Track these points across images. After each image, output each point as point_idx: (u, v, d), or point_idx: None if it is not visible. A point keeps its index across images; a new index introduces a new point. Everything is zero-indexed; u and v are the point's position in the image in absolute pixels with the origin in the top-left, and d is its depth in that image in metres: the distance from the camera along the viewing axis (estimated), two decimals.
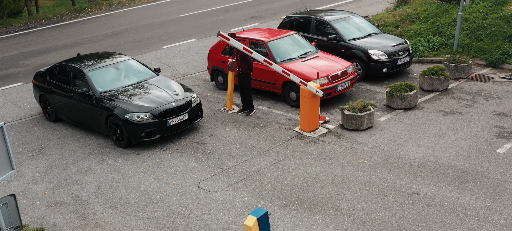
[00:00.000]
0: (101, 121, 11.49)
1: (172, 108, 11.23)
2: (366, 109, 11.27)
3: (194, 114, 11.67)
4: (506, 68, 14.16)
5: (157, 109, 11.09)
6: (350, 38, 14.34)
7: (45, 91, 12.94)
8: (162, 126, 11.09)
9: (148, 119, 10.96)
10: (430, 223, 8.01)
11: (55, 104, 12.73)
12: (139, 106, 11.10)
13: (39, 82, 13.21)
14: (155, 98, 11.39)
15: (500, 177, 9.08)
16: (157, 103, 11.21)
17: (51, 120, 13.02)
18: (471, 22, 15.81)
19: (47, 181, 10.17)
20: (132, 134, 10.97)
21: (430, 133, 10.89)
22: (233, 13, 23.70)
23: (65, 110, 12.50)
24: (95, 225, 8.63)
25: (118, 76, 12.22)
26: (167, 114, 11.16)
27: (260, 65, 12.97)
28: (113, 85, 11.90)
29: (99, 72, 12.08)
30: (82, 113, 11.98)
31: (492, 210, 8.21)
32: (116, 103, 11.21)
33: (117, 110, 11.08)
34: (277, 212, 8.58)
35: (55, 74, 12.78)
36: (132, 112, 10.95)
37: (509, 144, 10.20)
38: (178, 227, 8.40)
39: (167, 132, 11.23)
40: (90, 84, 11.72)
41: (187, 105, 11.51)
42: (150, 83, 12.11)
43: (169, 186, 9.65)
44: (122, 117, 10.95)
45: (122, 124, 10.96)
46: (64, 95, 12.31)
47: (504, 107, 11.83)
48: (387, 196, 8.78)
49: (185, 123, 11.49)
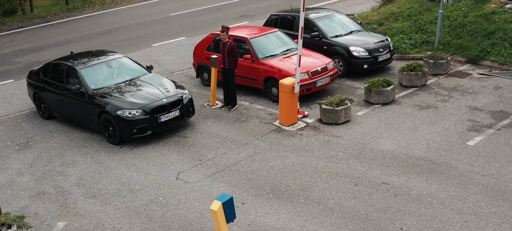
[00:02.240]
0: (94, 118, 11.62)
1: (163, 104, 11.33)
2: (343, 104, 11.60)
3: (185, 111, 11.80)
4: (485, 64, 14.49)
5: (149, 106, 11.19)
6: (332, 36, 14.67)
7: (38, 89, 13.06)
8: (153, 122, 11.20)
9: (140, 115, 11.07)
10: (396, 211, 8.34)
11: (48, 102, 12.86)
12: (130, 103, 11.22)
13: (33, 81, 13.34)
14: (147, 95, 11.49)
15: (468, 168, 9.40)
16: (149, 100, 11.32)
17: (45, 118, 13.14)
18: (453, 20, 16.13)
19: (32, 173, 10.49)
20: (124, 130, 11.09)
21: (404, 127, 11.21)
22: (224, 11, 24.02)
23: (59, 108, 12.64)
24: (75, 214, 8.95)
25: (110, 74, 12.35)
26: (159, 110, 11.26)
27: (243, 62, 13.30)
28: (106, 82, 12.03)
29: (91, 70, 12.21)
30: (75, 110, 12.12)
31: (457, 198, 8.53)
32: (108, 100, 11.33)
33: (109, 107, 11.20)
34: (251, 201, 8.90)
35: (48, 72, 12.89)
36: (123, 109, 11.07)
37: (479, 136, 10.53)
38: (155, 215, 8.72)
39: (158, 128, 11.34)
40: (83, 81, 11.84)
41: (178, 102, 11.61)
42: (142, 80, 12.23)
43: (149, 177, 9.97)
44: (114, 113, 11.07)
45: (114, 120, 11.07)
46: (58, 93, 12.43)
47: (478, 102, 12.16)
48: (357, 186, 9.10)
49: (176, 119, 11.59)
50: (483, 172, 9.23)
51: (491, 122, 11.10)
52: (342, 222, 8.14)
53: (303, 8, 11.11)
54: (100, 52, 13.46)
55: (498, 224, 7.83)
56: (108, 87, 11.86)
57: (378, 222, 8.08)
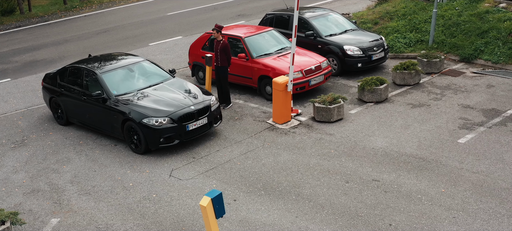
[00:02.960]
0: (117, 126, 11.01)
1: (192, 112, 10.75)
2: (336, 102, 11.69)
3: (213, 118, 11.21)
4: (478, 63, 14.58)
5: (176, 113, 10.58)
6: (327, 35, 14.76)
7: (55, 94, 12.47)
8: (181, 130, 10.59)
9: (167, 123, 10.45)
10: (385, 207, 8.43)
11: (66, 107, 12.28)
12: (157, 110, 10.59)
13: (49, 85, 12.73)
14: (173, 101, 10.88)
15: (458, 165, 9.50)
16: (176, 107, 10.70)
17: (62, 124, 12.59)
18: (447, 19, 16.23)
19: (27, 170, 10.58)
20: (150, 139, 10.48)
21: (396, 125, 11.30)
22: (221, 11, 24.11)
23: (77, 114, 12.06)
24: (69, 210, 9.04)
25: (132, 79, 11.74)
26: (186, 118, 10.66)
27: (238, 60, 13.40)
28: (128, 88, 11.39)
29: (112, 74, 11.61)
30: (96, 117, 11.53)
31: (446, 195, 8.62)
32: (132, 107, 10.70)
33: (133, 114, 10.58)
34: (242, 197, 9.00)
35: (66, 76, 12.31)
36: (150, 117, 10.44)
37: (471, 134, 10.62)
38: (147, 212, 8.81)
39: (186, 137, 10.73)
40: (104, 87, 11.25)
41: (206, 109, 11.03)
42: (166, 85, 11.60)
43: (143, 174, 10.06)
44: (139, 121, 10.45)
45: (140, 129, 10.47)
46: (76, 99, 11.85)
47: (471, 100, 12.25)
48: (348, 183, 9.19)
49: (204, 127, 11.00)
50: (473, 169, 9.32)
51: (483, 120, 11.19)
52: (332, 218, 8.23)
53: (297, 6, 11.20)
54: (120, 55, 12.87)
55: (485, 220, 7.92)
56: (131, 93, 11.23)
57: (367, 218, 8.17)
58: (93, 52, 18.94)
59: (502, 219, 7.93)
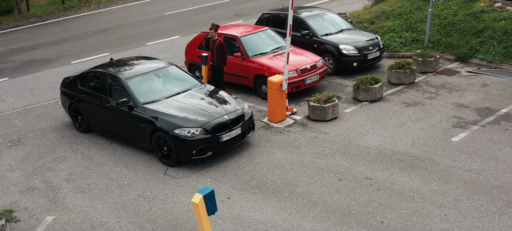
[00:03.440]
0: (145, 136, 10.37)
1: (225, 122, 10.12)
2: (331, 101, 11.75)
3: (246, 128, 10.58)
4: (473, 62, 14.65)
5: (210, 123, 9.93)
6: (323, 34, 14.83)
7: (75, 100, 11.84)
8: (214, 142, 9.95)
9: (200, 134, 9.81)
10: (378, 205, 8.49)
11: (87, 114, 11.66)
12: (189, 120, 9.95)
13: (69, 90, 12.08)
14: (205, 110, 10.24)
15: (450, 163, 9.56)
16: (209, 117, 10.06)
17: (83, 131, 11.98)
18: (443, 18, 16.29)
19: (23, 169, 10.64)
20: (182, 151, 9.83)
21: (391, 123, 11.37)
22: (219, 10, 24.17)
23: (100, 121, 11.44)
24: (64, 208, 9.10)
25: (159, 85, 11.12)
26: (220, 129, 10.01)
27: (233, 60, 13.47)
28: (156, 95, 10.76)
29: (138, 80, 10.94)
30: (121, 126, 10.89)
31: (438, 193, 8.69)
32: (162, 117, 10.05)
33: (164, 124, 9.94)
34: (236, 195, 9.06)
35: (87, 81, 11.70)
36: (182, 127, 9.81)
37: (464, 133, 10.69)
38: (142, 209, 8.88)
39: (219, 149, 10.09)
40: (130, 94, 10.61)
41: (240, 118, 10.40)
42: (195, 92, 10.97)
43: (138, 172, 10.12)
44: (171, 132, 9.81)
45: (171, 140, 9.83)
46: (99, 105, 11.22)
47: (465, 99, 12.32)
48: (341, 181, 9.26)
49: (237, 138, 10.35)
50: (465, 167, 9.39)
51: (476, 119, 11.26)
52: (325, 216, 8.29)
53: (291, 6, 11.26)
54: (144, 60, 12.19)
55: (477, 218, 7.99)
56: (159, 100, 10.60)
57: (360, 216, 8.24)
58: (91, 51, 19.01)
59: (493, 216, 8.00)
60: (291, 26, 11.40)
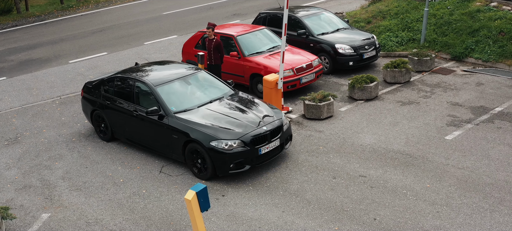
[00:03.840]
0: (177, 147, 9.72)
1: (264, 133, 9.44)
2: (326, 99, 11.82)
3: (284, 139, 9.92)
4: (469, 61, 14.72)
5: (248, 135, 9.25)
6: (319, 33, 14.90)
7: (99, 107, 11.24)
8: (253, 155, 9.27)
9: (238, 146, 9.15)
10: (371, 202, 8.56)
11: (112, 122, 11.05)
12: (226, 131, 9.28)
13: (91, 96, 11.49)
14: (242, 120, 9.56)
15: (444, 161, 9.63)
16: (246, 128, 9.38)
17: (106, 140, 11.38)
18: (439, 18, 16.36)
19: (19, 167, 10.70)
20: (219, 165, 9.18)
21: (385, 122, 11.43)
22: (216, 10, 24.24)
23: (126, 130, 10.83)
24: (60, 206, 9.17)
25: (191, 92, 10.46)
26: (259, 141, 9.35)
27: (230, 59, 13.53)
28: (187, 103, 10.10)
29: (168, 87, 10.30)
30: (150, 136, 10.27)
31: (431, 190, 8.75)
32: (196, 127, 9.40)
33: (199, 135, 9.27)
34: (231, 193, 9.12)
35: (112, 87, 11.08)
36: (219, 139, 9.13)
37: (458, 131, 10.75)
38: (137, 207, 8.94)
39: (257, 162, 9.42)
40: (161, 102, 9.95)
41: (278, 129, 9.71)
42: (229, 101, 10.30)
43: (133, 170, 10.19)
44: (207, 144, 9.15)
45: (207, 152, 9.18)
46: (125, 113, 10.59)
47: (460, 98, 12.38)
48: (335, 179, 9.32)
49: (276, 150, 9.65)
50: (459, 165, 9.45)
51: (471, 117, 11.33)
52: (318, 213, 8.36)
53: (287, 5, 11.33)
54: (170, 64, 11.64)
55: (468, 215, 8.05)
56: (191, 109, 9.93)
57: (353, 213, 8.30)
58: (89, 51, 19.07)
59: (485, 213, 8.06)
60: (286, 25, 11.46)
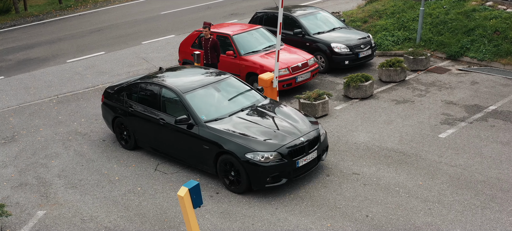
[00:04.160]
0: (208, 159, 9.19)
1: (302, 144, 8.93)
2: (321, 98, 11.89)
3: (322, 150, 9.37)
4: (464, 61, 14.79)
5: (285, 146, 8.72)
6: (315, 32, 14.97)
7: (121, 114, 10.71)
8: (290, 167, 8.74)
9: (274, 159, 8.61)
10: (363, 199, 8.62)
11: (135, 130, 10.53)
12: (261, 142, 8.73)
13: (113, 102, 10.97)
14: (278, 131, 9.01)
15: (437, 159, 9.69)
16: (283, 139, 8.83)
17: (129, 148, 10.87)
18: (435, 17, 16.43)
19: (16, 165, 10.77)
20: (255, 178, 8.64)
21: (380, 120, 11.50)
22: (214, 10, 24.31)
23: (151, 139, 10.27)
24: (55, 203, 9.23)
25: (221, 99, 9.91)
26: (297, 152, 8.82)
27: (226, 58, 13.61)
28: (218, 111, 9.57)
29: (197, 94, 9.75)
30: (177, 146, 9.72)
31: (423, 188, 8.82)
32: (229, 138, 8.84)
33: (232, 146, 8.73)
34: (225, 190, 9.19)
35: (136, 93, 10.52)
36: (255, 151, 8.58)
37: (452, 129, 10.82)
38: (131, 204, 9.01)
39: (295, 175, 8.91)
40: (190, 110, 9.41)
41: (316, 140, 9.18)
42: (262, 109, 9.74)
43: (129, 168, 10.25)
44: (242, 156, 8.60)
45: (242, 165, 8.64)
46: (150, 121, 10.04)
47: (454, 96, 12.45)
48: (329, 176, 9.39)
49: (312, 163, 9.14)
50: (451, 163, 9.52)
51: (464, 116, 11.39)
52: (311, 210, 8.42)
53: (282, 4, 11.40)
54: (197, 69, 11.06)
55: (460, 212, 8.12)
56: (223, 118, 9.39)
57: (345, 210, 8.37)
58: (87, 50, 19.14)
59: (476, 210, 8.13)
60: (281, 24, 11.54)
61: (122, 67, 16.91)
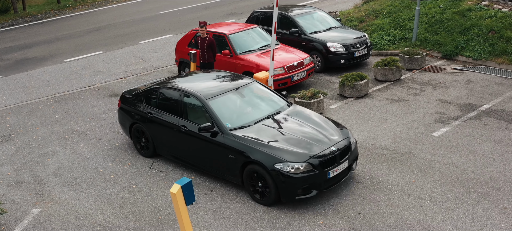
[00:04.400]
0: (234, 169, 8.73)
1: (333, 154, 8.45)
2: (316, 97, 11.95)
3: (352, 160, 8.91)
4: (460, 60, 14.85)
5: (316, 156, 8.25)
6: (311, 32, 15.03)
7: (139, 120, 10.30)
8: (322, 179, 8.27)
9: (305, 169, 8.15)
10: (356, 197, 8.68)
11: (155, 137, 10.11)
12: (291, 152, 8.27)
13: (131, 107, 10.55)
14: (308, 139, 8.56)
15: (430, 157, 9.76)
16: (313, 148, 8.38)
17: (148, 156, 10.45)
18: (431, 16, 16.50)
19: (12, 163, 10.84)
20: (285, 190, 8.18)
21: (374, 119, 11.56)
22: (212, 10, 24.38)
23: (172, 147, 9.85)
24: (50, 201, 9.30)
25: (245, 106, 9.51)
26: (327, 162, 8.33)
27: (222, 57, 13.68)
28: (244, 118, 9.13)
29: (221, 100, 9.31)
30: (200, 154, 9.29)
31: (415, 185, 8.88)
32: (257, 147, 8.39)
33: (260, 156, 8.27)
34: (219, 188, 9.25)
35: (156, 98, 10.11)
36: (284, 161, 8.13)
37: (445, 128, 10.89)
38: (126, 202, 9.07)
39: (325, 186, 8.44)
40: (214, 117, 8.96)
41: (347, 149, 8.73)
42: (289, 116, 9.27)
43: (124, 166, 10.32)
44: (271, 166, 8.14)
45: (270, 176, 8.19)
46: (171, 128, 9.62)
47: (449, 95, 12.51)
48: None
49: (343, 173, 8.66)
50: (444, 161, 9.58)
51: (458, 114, 11.46)
52: (304, 208, 8.48)
53: (276, 3, 11.46)
54: (219, 74, 10.61)
55: (451, 209, 8.18)
56: (248, 125, 8.94)
57: (338, 207, 8.43)
58: (85, 50, 19.21)
59: (468, 207, 8.19)
60: (276, 23, 11.59)
61: (119, 66, 16.97)
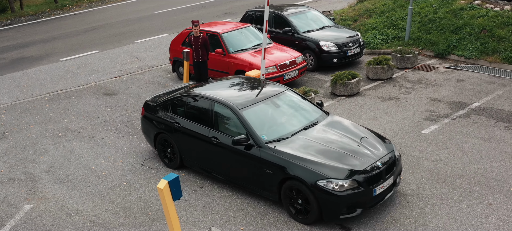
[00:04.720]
0: (271, 184, 8.13)
1: (379, 169, 7.82)
2: (307, 95, 12.04)
3: (397, 175, 8.27)
4: (452, 59, 14.95)
5: (361, 172, 7.64)
6: (304, 31, 15.14)
7: (165, 130, 9.70)
8: (367, 196, 7.65)
9: (350, 186, 7.52)
10: None
11: (182, 148, 9.51)
12: (334, 167, 7.65)
13: (155, 116, 9.96)
14: (350, 153, 7.94)
15: (418, 154, 9.86)
16: (357, 163, 7.76)
17: (173, 167, 9.90)
18: (423, 16, 16.60)
19: (5, 161, 10.93)
20: (328, 208, 7.59)
21: (365, 117, 11.67)
22: (208, 9, 24.48)
23: (201, 159, 9.25)
24: (42, 197, 9.40)
25: (280, 117, 8.84)
26: (373, 179, 7.71)
27: (215, 56, 13.78)
28: (280, 130, 8.47)
29: (255, 110, 8.69)
30: (233, 168, 8.69)
31: (402, 182, 8.97)
32: (297, 162, 7.78)
33: (301, 172, 7.67)
34: (209, 185, 9.35)
35: (183, 106, 9.51)
36: (328, 178, 7.51)
37: (435, 125, 10.99)
38: (117, 198, 9.18)
39: (370, 204, 7.80)
40: (249, 129, 8.34)
41: (393, 164, 8.13)
42: (327, 127, 8.63)
43: (116, 164, 10.42)
44: (313, 183, 7.55)
45: (312, 193, 7.59)
46: (201, 139, 9.01)
47: (439, 93, 12.62)
48: None
49: (388, 190, 8.01)
50: (432, 158, 9.68)
51: (448, 112, 11.56)
52: None
53: (268, 2, 11.57)
54: (250, 82, 9.87)
55: (437, 205, 8.28)
56: (286, 138, 8.30)
57: None
58: (80, 49, 19.31)
59: (453, 203, 8.29)
60: (267, 22, 11.69)
61: (114, 65, 17.08)
